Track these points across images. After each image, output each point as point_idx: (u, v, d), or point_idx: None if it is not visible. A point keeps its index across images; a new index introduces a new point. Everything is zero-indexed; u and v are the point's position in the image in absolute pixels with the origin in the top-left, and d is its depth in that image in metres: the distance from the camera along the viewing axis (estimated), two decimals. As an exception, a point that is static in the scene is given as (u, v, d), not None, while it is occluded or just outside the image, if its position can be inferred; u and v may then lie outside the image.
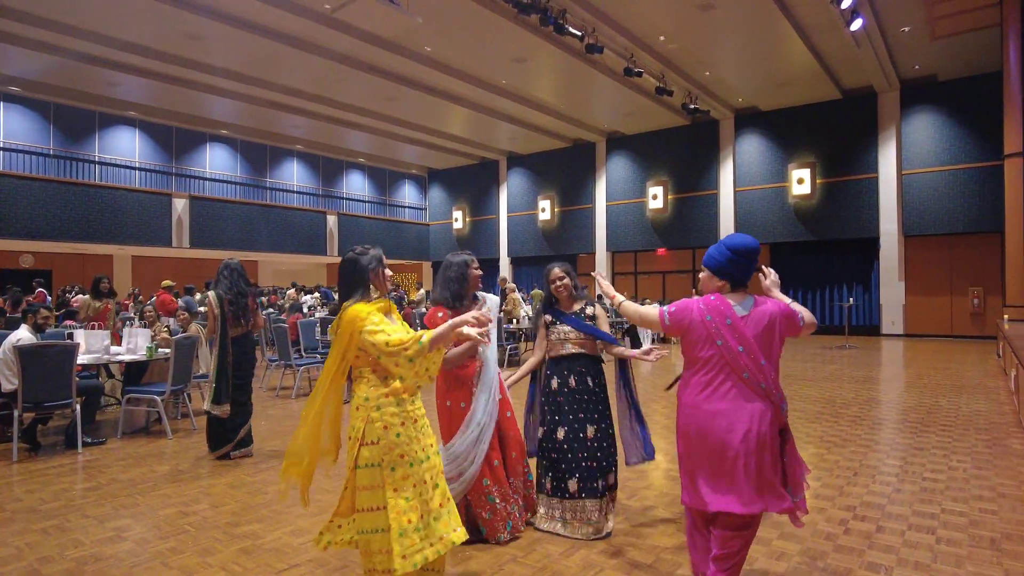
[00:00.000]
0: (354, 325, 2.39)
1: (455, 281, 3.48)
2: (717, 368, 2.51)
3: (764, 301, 2.59)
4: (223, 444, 5.13)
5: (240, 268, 5.37)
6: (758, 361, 2.48)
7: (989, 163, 14.29)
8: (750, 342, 2.48)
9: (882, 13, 11.86)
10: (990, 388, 8.18)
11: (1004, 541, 3.31)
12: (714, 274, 2.64)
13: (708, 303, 2.57)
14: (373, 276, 2.58)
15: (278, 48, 12.80)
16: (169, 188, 18.40)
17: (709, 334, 2.52)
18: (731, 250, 2.60)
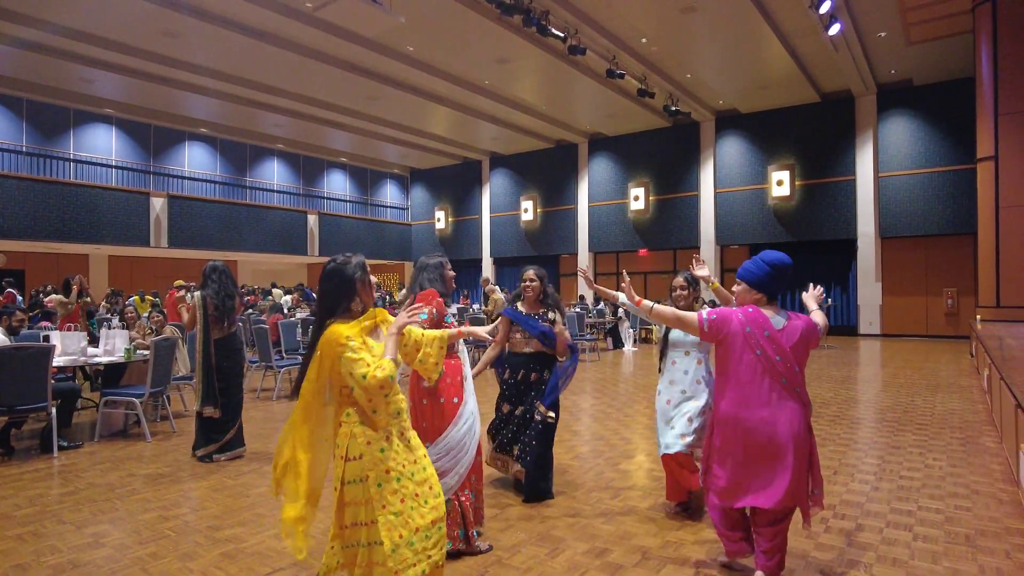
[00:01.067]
0: (334, 349, 2.27)
1: (439, 282, 3.55)
2: (757, 374, 2.70)
3: (796, 317, 2.80)
4: (207, 445, 5.08)
5: (226, 270, 5.38)
6: (793, 369, 2.69)
7: (963, 166, 14.58)
8: (787, 352, 2.69)
9: (859, 18, 12.06)
10: (964, 387, 8.35)
11: (979, 537, 3.39)
12: (752, 287, 2.83)
13: (748, 315, 2.75)
14: (360, 286, 2.44)
15: (259, 46, 12.67)
16: (147, 187, 18.12)
17: (748, 344, 2.71)
18: (770, 265, 2.79)
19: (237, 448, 5.22)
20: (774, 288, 2.81)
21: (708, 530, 3.53)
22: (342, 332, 2.29)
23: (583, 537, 3.44)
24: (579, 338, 12.41)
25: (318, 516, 3.84)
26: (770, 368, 2.68)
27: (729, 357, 2.77)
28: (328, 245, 21.53)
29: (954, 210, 14.91)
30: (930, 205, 15.27)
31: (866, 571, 3.01)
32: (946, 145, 15.09)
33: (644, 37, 12.85)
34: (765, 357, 2.68)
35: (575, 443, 5.60)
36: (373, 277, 2.63)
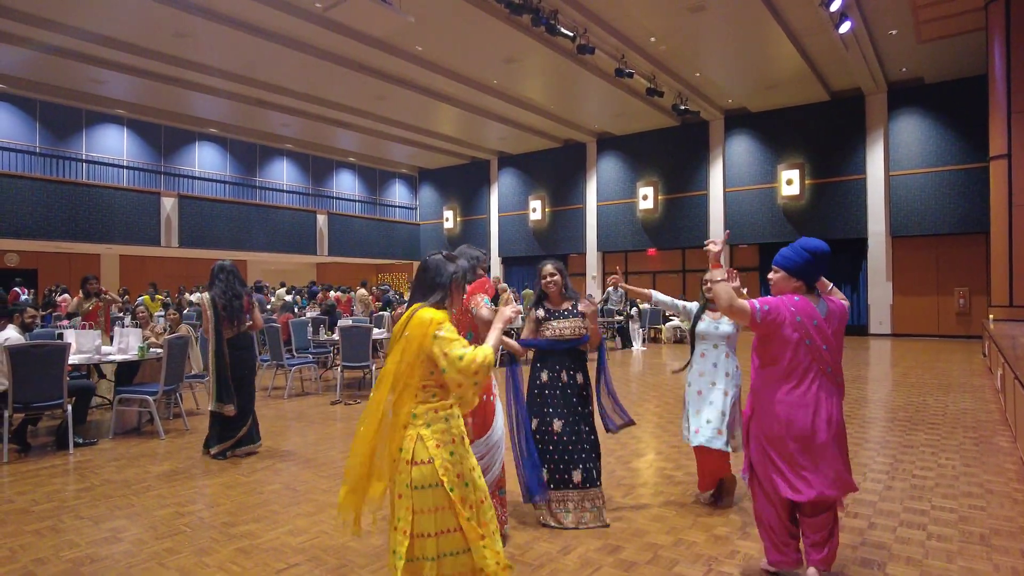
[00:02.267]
0: (427, 328, 2.20)
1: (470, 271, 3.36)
2: (805, 365, 2.70)
3: (831, 301, 2.81)
4: (221, 442, 5.12)
5: (234, 269, 5.42)
6: (838, 357, 2.73)
7: (975, 165, 14.47)
8: (831, 340, 2.73)
9: (870, 16, 11.99)
10: (976, 387, 8.29)
11: (993, 537, 3.37)
12: (791, 275, 2.78)
13: (797, 305, 2.72)
14: (455, 287, 2.41)
15: (268, 46, 12.74)
16: (158, 187, 18.25)
17: (800, 334, 2.69)
18: (810, 252, 2.75)
19: (252, 443, 5.26)
20: (813, 276, 2.78)
21: (721, 527, 3.53)
22: (435, 315, 2.25)
23: (595, 534, 3.45)
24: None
25: (319, 499, 3.89)
26: (818, 358, 2.70)
27: (778, 349, 2.72)
28: (337, 245, 21.62)
29: (966, 209, 14.81)
30: (941, 204, 15.16)
31: (880, 570, 3.00)
32: (958, 143, 14.98)
33: (653, 36, 12.83)
34: (815, 347, 2.69)
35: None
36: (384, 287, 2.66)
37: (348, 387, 8.60)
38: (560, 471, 3.56)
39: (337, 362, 8.18)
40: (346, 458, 2.34)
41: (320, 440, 5.75)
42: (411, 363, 2.21)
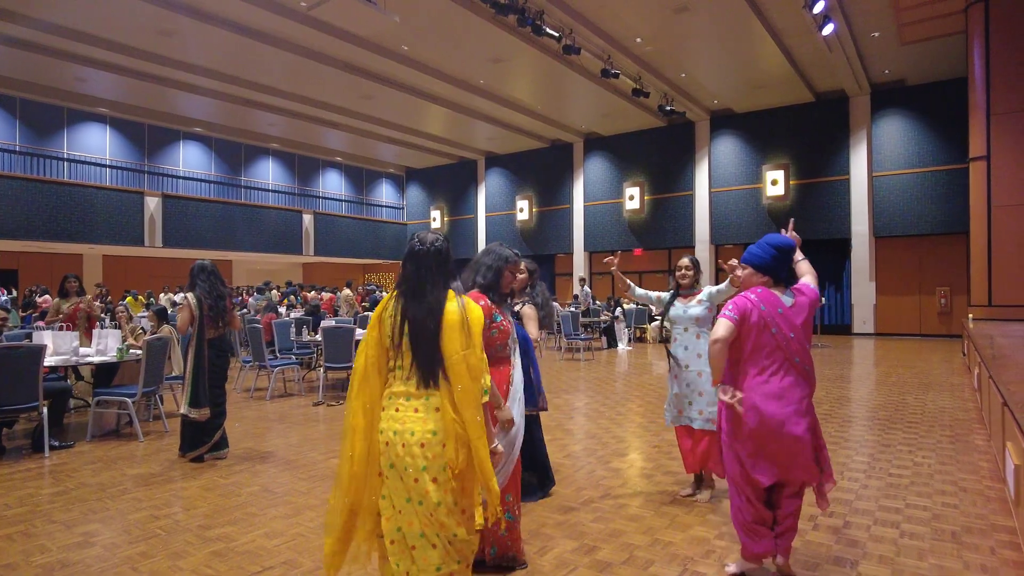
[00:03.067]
0: (478, 314, 2.27)
1: (492, 271, 3.10)
2: (773, 355, 2.75)
3: (800, 291, 2.88)
4: (197, 446, 5.08)
5: (215, 269, 5.37)
6: (805, 346, 2.77)
7: (956, 166, 14.64)
8: (798, 329, 2.78)
9: (852, 18, 12.09)
10: (955, 385, 8.39)
11: (964, 534, 3.41)
12: (758, 270, 2.89)
13: (760, 295, 2.80)
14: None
15: (253, 45, 12.66)
16: (141, 186, 18.09)
17: (765, 323, 2.75)
18: (775, 248, 2.86)
19: (224, 448, 5.21)
20: (779, 271, 2.88)
21: (698, 527, 3.55)
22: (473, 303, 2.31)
23: (572, 535, 3.46)
24: (574, 337, 12.44)
25: (296, 501, 3.87)
26: (785, 346, 2.74)
27: (746, 340, 2.78)
28: (323, 245, 21.53)
29: (947, 210, 14.98)
30: (923, 205, 15.33)
31: (852, 568, 3.03)
32: (939, 145, 15.15)
33: (639, 37, 12.88)
34: (781, 335, 2.74)
35: (567, 442, 5.62)
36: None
37: (331, 388, 8.56)
38: None
39: (320, 363, 8.14)
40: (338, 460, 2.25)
41: (302, 442, 5.72)
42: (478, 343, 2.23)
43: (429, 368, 2.18)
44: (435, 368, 2.18)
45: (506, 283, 3.14)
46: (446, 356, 2.17)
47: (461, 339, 2.18)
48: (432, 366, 2.18)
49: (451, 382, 2.16)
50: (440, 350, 2.18)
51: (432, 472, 2.11)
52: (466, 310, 2.23)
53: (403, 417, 2.16)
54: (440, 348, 2.18)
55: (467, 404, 2.15)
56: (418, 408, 2.15)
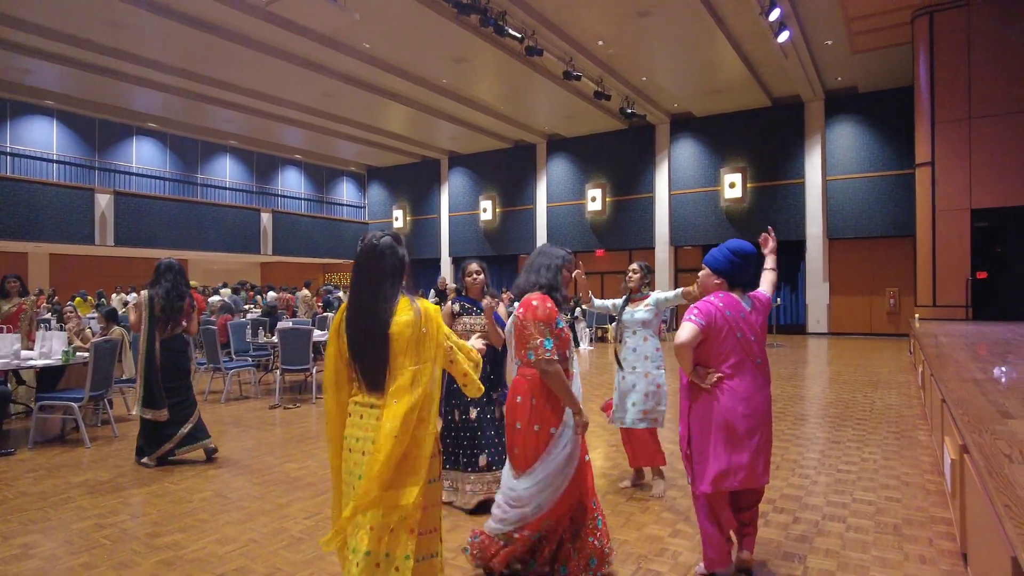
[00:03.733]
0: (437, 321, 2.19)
1: (551, 270, 3.01)
2: (738, 357, 2.83)
3: (757, 296, 2.99)
4: (160, 443, 4.92)
5: (182, 270, 5.24)
6: (763, 348, 2.89)
7: (903, 171, 15.17)
8: (759, 331, 2.91)
9: (807, 26, 12.43)
10: (902, 383, 8.69)
11: (905, 526, 3.54)
12: (714, 273, 3.01)
13: (723, 300, 2.89)
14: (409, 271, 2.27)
15: (209, 39, 12.35)
16: (91, 183, 17.50)
17: (730, 327, 2.83)
18: (733, 253, 2.98)
19: (203, 440, 5.08)
20: (736, 276, 2.98)
21: (652, 526, 3.60)
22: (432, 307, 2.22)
23: (529, 536, 3.47)
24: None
25: (249, 506, 3.80)
26: (748, 349, 2.84)
27: (712, 344, 2.84)
28: (282, 244, 21.16)
29: (896, 213, 15.52)
30: (874, 208, 15.85)
31: (801, 562, 3.11)
32: (888, 150, 15.69)
33: (601, 40, 13.00)
34: (744, 339, 2.84)
35: (527, 442, 5.63)
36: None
37: (288, 391, 8.41)
38: (470, 455, 3.81)
39: (277, 365, 8.00)
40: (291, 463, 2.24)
41: (257, 445, 5.61)
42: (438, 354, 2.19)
43: (373, 377, 2.13)
44: (379, 377, 2.11)
45: (564, 282, 3.06)
46: (391, 370, 2.10)
47: (412, 354, 2.09)
48: (376, 375, 2.12)
49: (390, 396, 2.07)
50: (384, 358, 2.10)
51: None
52: (423, 319, 2.13)
53: (365, 425, 2.12)
54: (385, 356, 2.10)
55: (393, 418, 2.03)
56: (379, 417, 2.08)
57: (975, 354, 6.04)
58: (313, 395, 7.84)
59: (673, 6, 11.19)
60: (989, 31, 10.88)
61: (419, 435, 2.09)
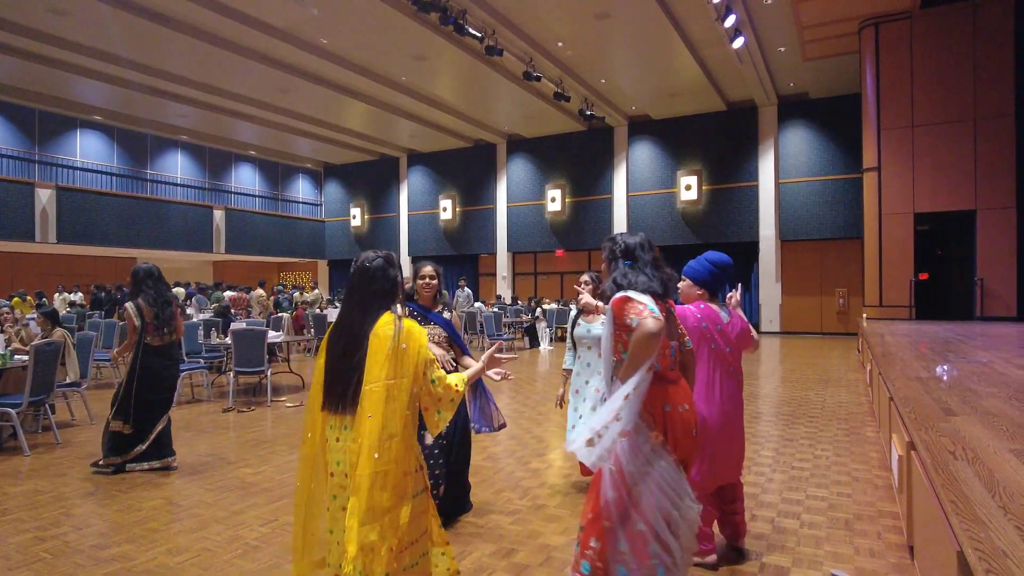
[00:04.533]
0: (420, 341, 2.10)
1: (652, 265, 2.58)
2: (712, 367, 2.95)
3: (734, 315, 3.14)
4: (118, 453, 4.74)
5: (160, 274, 5.07)
6: (739, 358, 3.02)
7: (852, 175, 15.71)
8: (734, 343, 3.05)
9: (761, 33, 12.75)
10: (851, 381, 8.99)
11: (856, 521, 3.65)
12: (695, 283, 3.11)
13: (701, 311, 2.99)
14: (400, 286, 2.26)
15: (158, 30, 11.94)
16: (31, 177, 16.74)
17: (705, 339, 2.94)
18: (712, 264, 3.10)
19: (167, 457, 4.88)
20: (715, 285, 3.11)
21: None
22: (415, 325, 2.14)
23: (491, 538, 3.46)
24: (497, 337, 12.48)
25: (203, 514, 3.67)
26: (722, 359, 2.98)
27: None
28: (235, 241, 20.64)
29: (845, 216, 16.05)
30: (824, 211, 16.37)
31: (758, 559, 3.18)
32: (838, 155, 16.22)
33: (560, 41, 13.07)
34: (719, 349, 2.96)
35: (488, 443, 5.62)
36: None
37: (242, 394, 8.20)
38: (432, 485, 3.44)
39: (230, 367, 7.79)
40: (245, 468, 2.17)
41: (210, 450, 5.45)
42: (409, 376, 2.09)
43: (341, 395, 2.09)
44: (347, 395, 2.07)
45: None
46: (365, 382, 2.03)
47: (388, 367, 2.03)
48: (344, 393, 2.08)
49: (364, 411, 2.00)
50: (358, 375, 2.05)
51: (341, 502, 2.05)
52: (404, 336, 2.08)
53: (343, 448, 2.07)
54: (359, 373, 2.05)
55: (369, 437, 1.97)
56: (355, 438, 2.02)
57: (918, 352, 6.28)
58: (268, 398, 7.66)
59: (632, 10, 11.33)
60: (930, 44, 11.35)
61: (397, 452, 2.02)
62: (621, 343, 2.31)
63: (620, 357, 2.31)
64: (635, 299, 2.29)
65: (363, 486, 1.95)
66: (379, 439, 1.98)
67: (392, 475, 1.99)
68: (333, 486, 2.08)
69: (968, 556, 1.62)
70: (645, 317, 2.17)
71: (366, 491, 1.94)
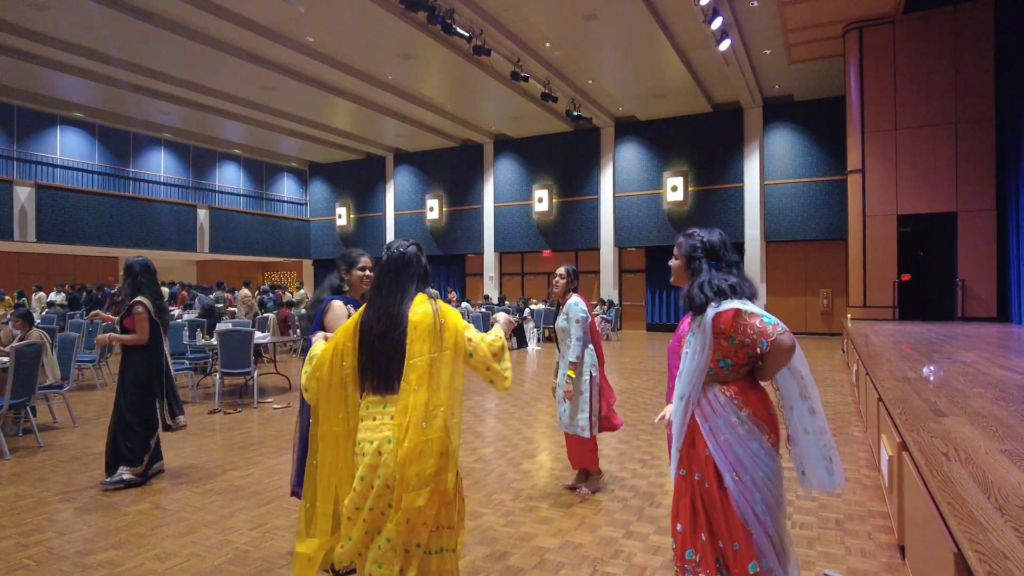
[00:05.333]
0: (456, 316, 2.23)
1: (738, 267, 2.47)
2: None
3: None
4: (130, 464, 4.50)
5: (153, 268, 4.91)
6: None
7: (836, 177, 15.87)
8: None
9: (747, 36, 12.84)
10: (837, 381, 9.07)
11: (846, 521, 3.68)
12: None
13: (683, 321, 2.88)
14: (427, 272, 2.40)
15: (140, 26, 11.77)
16: (9, 174, 16.44)
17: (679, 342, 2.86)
18: None
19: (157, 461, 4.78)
20: None
21: (606, 528, 3.62)
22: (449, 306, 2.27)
23: (484, 541, 3.44)
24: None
25: (191, 517, 3.62)
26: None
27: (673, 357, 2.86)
28: (220, 241, 20.42)
29: (829, 217, 16.21)
30: (808, 212, 16.52)
31: (750, 560, 3.18)
32: (822, 157, 16.38)
33: (548, 41, 13.07)
34: None
35: (478, 445, 5.60)
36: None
37: (228, 395, 8.11)
38: None
39: (216, 368, 7.69)
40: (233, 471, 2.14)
41: (196, 453, 5.37)
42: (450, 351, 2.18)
43: (384, 374, 2.15)
44: (391, 374, 2.14)
45: None
46: (408, 358, 2.11)
47: (430, 342, 2.13)
48: (388, 372, 2.15)
49: (411, 384, 2.08)
50: (400, 354, 2.13)
51: (386, 479, 2.07)
52: (440, 314, 2.19)
53: (379, 425, 2.13)
54: (401, 352, 2.13)
55: (417, 408, 2.06)
56: (394, 415, 2.10)
57: (903, 353, 6.35)
58: (254, 399, 7.57)
59: (619, 11, 11.36)
60: (913, 48, 11.51)
61: (443, 423, 2.10)
62: (720, 351, 2.17)
63: (716, 364, 2.18)
64: (750, 312, 2.14)
65: (411, 454, 2.03)
66: (426, 410, 2.07)
67: (439, 443, 2.07)
68: (363, 466, 2.11)
69: (968, 559, 1.63)
70: (776, 336, 2.05)
71: (415, 458, 2.03)
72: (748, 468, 2.11)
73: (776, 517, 2.14)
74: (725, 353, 2.15)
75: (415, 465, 2.03)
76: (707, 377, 2.19)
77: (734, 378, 2.19)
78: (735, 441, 2.12)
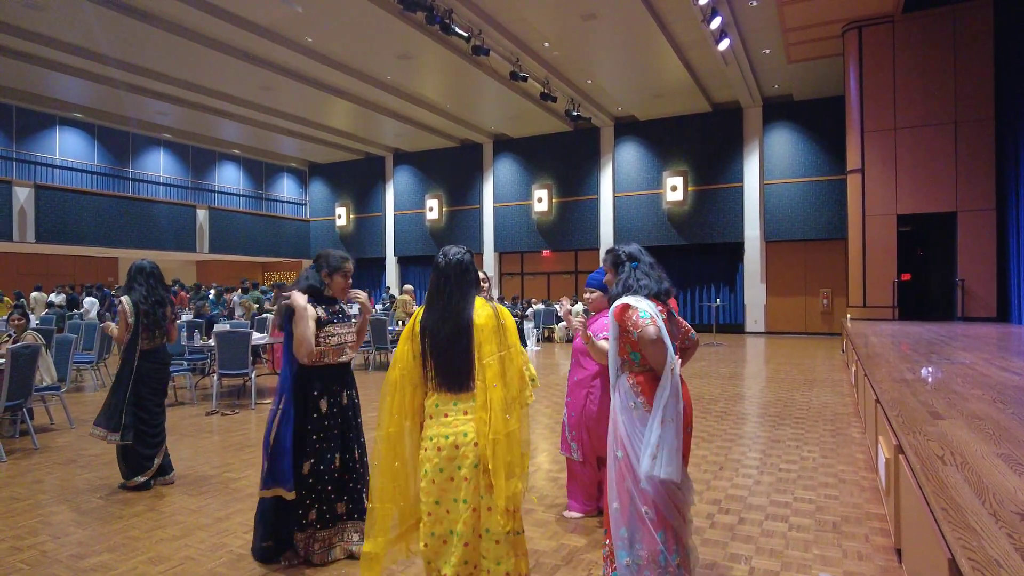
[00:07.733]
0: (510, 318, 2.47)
1: (652, 267, 2.73)
2: None
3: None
4: (138, 472, 4.44)
5: (155, 271, 4.74)
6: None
7: (836, 177, 15.84)
8: None
9: (746, 35, 12.82)
10: (836, 381, 9.06)
11: (843, 523, 3.66)
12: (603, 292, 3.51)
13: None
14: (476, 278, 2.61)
15: (138, 26, 11.76)
16: (9, 175, 16.43)
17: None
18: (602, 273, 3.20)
19: (170, 472, 4.64)
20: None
21: (600, 531, 3.60)
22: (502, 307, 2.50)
23: (480, 544, 3.42)
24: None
25: (185, 520, 3.60)
26: None
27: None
28: (219, 242, 20.41)
29: (828, 217, 16.19)
30: (808, 212, 16.50)
31: (746, 563, 3.17)
32: (822, 156, 16.35)
33: (547, 41, 13.05)
34: None
35: (475, 446, 5.58)
36: None
37: (226, 396, 8.10)
38: (330, 507, 3.22)
39: (214, 370, 7.68)
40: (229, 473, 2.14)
41: (194, 455, 5.36)
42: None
43: (456, 374, 2.33)
44: (462, 374, 2.32)
45: None
46: (480, 358, 2.31)
47: (496, 341, 2.34)
48: (460, 372, 2.32)
49: (486, 382, 2.28)
50: (471, 354, 2.32)
51: (466, 471, 2.25)
52: (500, 315, 2.41)
53: (452, 421, 2.30)
54: (471, 352, 2.32)
55: (498, 403, 2.26)
56: (467, 411, 2.30)
57: (902, 353, 6.33)
58: (252, 400, 7.56)
59: (618, 10, 11.34)
60: (912, 47, 11.48)
61: (520, 414, 2.35)
62: (629, 344, 2.50)
63: (627, 356, 2.53)
64: (632, 306, 2.47)
65: (500, 446, 2.24)
66: (505, 403, 2.29)
67: (521, 431, 2.33)
68: (442, 459, 2.28)
69: (961, 566, 1.61)
70: (643, 326, 2.38)
71: (504, 448, 2.25)
72: (634, 448, 2.43)
73: (656, 500, 2.40)
74: (634, 347, 2.48)
75: (507, 454, 2.24)
76: (623, 367, 2.54)
77: (642, 370, 2.51)
78: (628, 423, 2.47)
